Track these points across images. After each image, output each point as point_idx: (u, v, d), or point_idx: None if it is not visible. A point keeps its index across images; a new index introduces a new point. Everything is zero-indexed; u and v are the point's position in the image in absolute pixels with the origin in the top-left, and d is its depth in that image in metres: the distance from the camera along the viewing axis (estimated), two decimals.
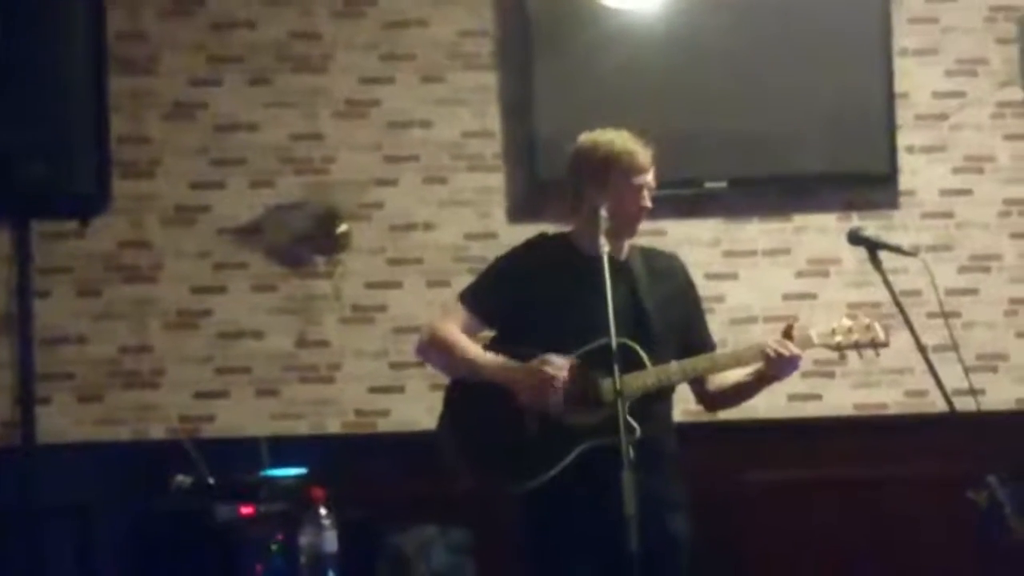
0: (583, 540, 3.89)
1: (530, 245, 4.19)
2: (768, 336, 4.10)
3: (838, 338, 4.05)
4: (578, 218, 4.11)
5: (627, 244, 4.10)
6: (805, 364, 5.85)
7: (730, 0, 6.13)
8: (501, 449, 3.96)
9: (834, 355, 4.08)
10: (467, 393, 4.05)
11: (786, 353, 3.97)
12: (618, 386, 3.64)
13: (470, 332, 4.13)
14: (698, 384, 4.16)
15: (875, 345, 4.06)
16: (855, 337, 4.05)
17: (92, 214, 5.38)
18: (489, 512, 4.10)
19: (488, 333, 4.15)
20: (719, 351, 4.17)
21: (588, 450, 3.87)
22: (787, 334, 4.03)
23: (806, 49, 6.14)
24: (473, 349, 4.06)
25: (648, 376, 3.91)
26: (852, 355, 4.09)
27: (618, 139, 4.07)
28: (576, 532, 3.90)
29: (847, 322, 4.07)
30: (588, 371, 3.92)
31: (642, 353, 3.90)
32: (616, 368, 3.66)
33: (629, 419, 3.66)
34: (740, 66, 6.11)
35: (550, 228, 4.23)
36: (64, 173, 4.96)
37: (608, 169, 4.05)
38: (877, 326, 4.06)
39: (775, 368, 4.00)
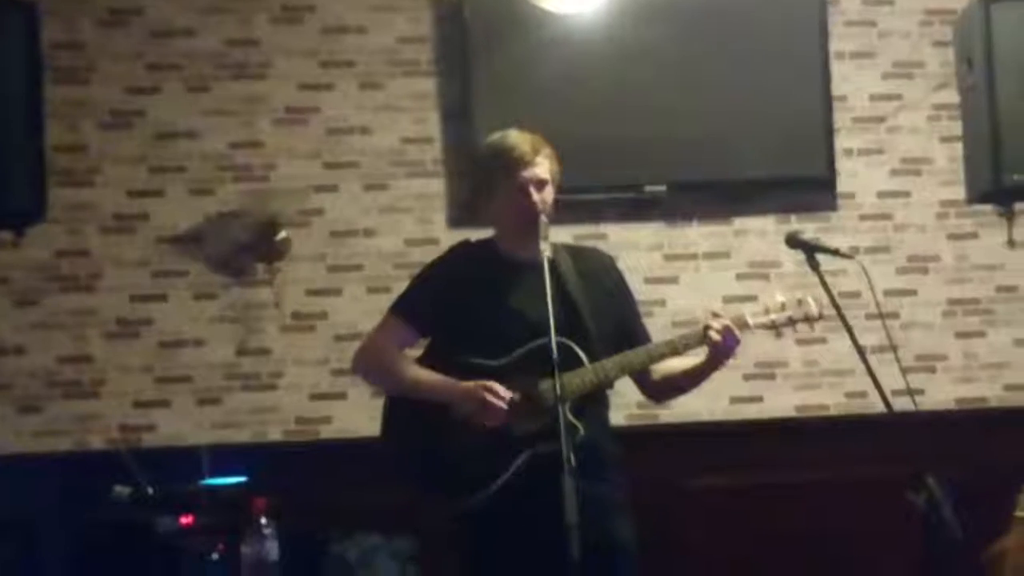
0: (528, 549, 3.86)
1: (455, 251, 4.17)
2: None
3: (772, 316, 4.04)
4: (492, 222, 4.11)
5: (548, 243, 4.05)
6: (746, 366, 5.92)
7: (667, 5, 6.14)
8: (443, 460, 3.94)
9: (775, 358, 4.08)
10: (406, 402, 4.03)
11: (723, 327, 3.94)
12: (559, 390, 3.63)
13: (406, 344, 4.11)
14: (642, 375, 4.13)
15: (808, 319, 4.05)
16: (788, 313, 4.04)
17: (28, 224, 5.33)
18: (434, 520, 4.09)
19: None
20: (654, 342, 4.13)
21: (531, 458, 3.86)
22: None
23: (744, 53, 6.17)
24: (409, 368, 4.04)
25: (586, 374, 3.88)
26: (796, 355, 4.08)
27: (504, 138, 4.04)
28: (521, 541, 3.87)
29: (780, 298, 4.07)
30: (525, 378, 3.90)
31: (579, 351, 3.86)
32: (556, 370, 3.65)
33: (571, 419, 3.67)
34: (678, 70, 6.13)
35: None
36: None
37: (493, 170, 4.03)
38: (810, 299, 4.04)
39: (718, 348, 3.97)
